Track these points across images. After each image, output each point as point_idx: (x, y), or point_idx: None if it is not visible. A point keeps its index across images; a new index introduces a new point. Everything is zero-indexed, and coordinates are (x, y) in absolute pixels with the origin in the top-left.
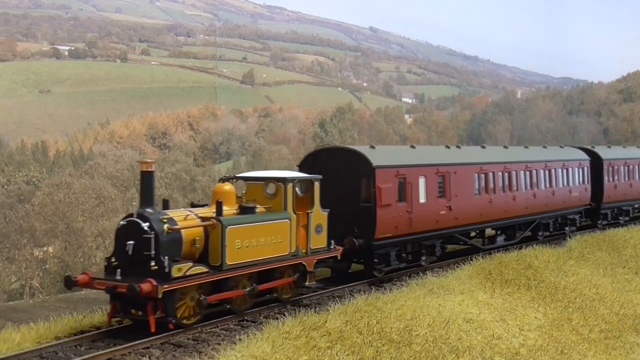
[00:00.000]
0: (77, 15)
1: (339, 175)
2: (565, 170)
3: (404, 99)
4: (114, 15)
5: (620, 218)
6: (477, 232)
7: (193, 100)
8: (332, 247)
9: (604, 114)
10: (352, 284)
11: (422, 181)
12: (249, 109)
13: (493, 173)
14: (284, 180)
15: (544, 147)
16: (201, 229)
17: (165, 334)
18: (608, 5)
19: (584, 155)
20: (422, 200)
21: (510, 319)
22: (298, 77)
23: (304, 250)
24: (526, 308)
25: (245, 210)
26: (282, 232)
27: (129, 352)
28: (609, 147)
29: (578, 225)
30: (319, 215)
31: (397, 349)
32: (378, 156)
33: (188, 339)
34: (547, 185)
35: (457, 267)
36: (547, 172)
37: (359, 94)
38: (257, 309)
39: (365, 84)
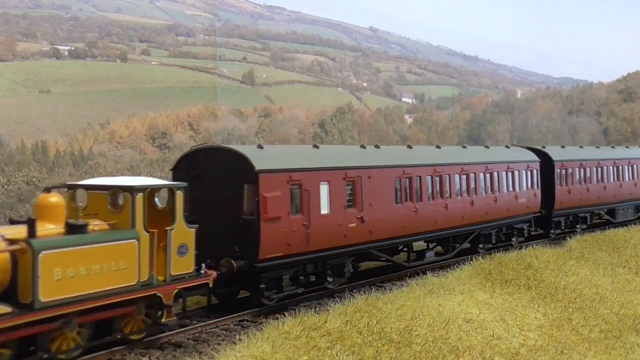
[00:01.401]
0: (77, 15)
1: (218, 182)
2: (510, 174)
3: (404, 99)
4: (114, 15)
5: (577, 226)
6: (404, 246)
7: (193, 100)
8: (202, 271)
9: (604, 114)
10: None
11: (324, 188)
12: (249, 109)
13: (420, 178)
14: (130, 190)
15: (486, 146)
16: (6, 255)
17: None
18: (608, 6)
19: (533, 156)
20: (324, 211)
21: (510, 319)
22: (298, 77)
23: (161, 278)
24: (526, 308)
25: (73, 228)
26: (128, 256)
27: (129, 352)
28: (563, 147)
29: (526, 235)
30: (183, 233)
31: (397, 349)
32: (265, 158)
33: (188, 339)
34: (488, 191)
35: (457, 267)
36: (488, 175)
37: (359, 94)
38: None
39: (365, 84)
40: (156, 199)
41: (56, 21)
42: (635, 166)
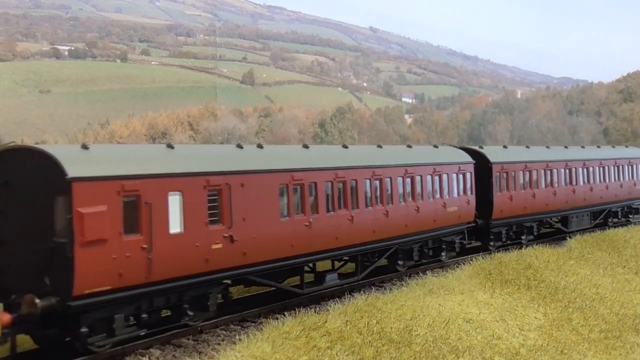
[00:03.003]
0: (77, 15)
1: (26, 193)
2: (437, 178)
3: (404, 99)
4: (114, 15)
5: (523, 237)
6: (299, 267)
7: (193, 100)
8: None
9: (604, 114)
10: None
11: (174, 200)
12: (249, 109)
13: (315, 185)
14: None
15: (409, 146)
16: None
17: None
18: (608, 5)
19: (466, 158)
20: (174, 229)
21: (510, 319)
22: (298, 77)
23: None
24: (526, 308)
25: None
26: None
27: (129, 352)
28: (505, 147)
29: (458, 250)
30: None
31: (397, 349)
32: (85, 162)
33: (188, 339)
34: (408, 199)
35: (457, 267)
36: (408, 180)
37: (359, 94)
38: None
39: (365, 84)
40: None
41: (56, 21)
42: (591, 169)
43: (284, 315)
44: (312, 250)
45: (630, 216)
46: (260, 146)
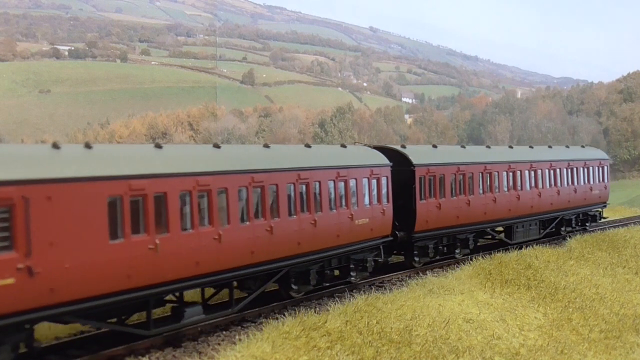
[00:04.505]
0: (77, 15)
1: None
2: (343, 184)
3: (404, 99)
4: (114, 15)
5: (457, 251)
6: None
7: (193, 100)
8: None
9: (604, 114)
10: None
11: None
12: (249, 109)
13: (164, 196)
14: None
15: (307, 145)
16: None
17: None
18: (608, 5)
19: (382, 159)
20: None
21: (510, 319)
22: (298, 77)
23: None
24: (526, 308)
25: None
26: None
27: (129, 353)
28: (435, 146)
29: (371, 270)
30: None
31: (397, 349)
32: None
33: (188, 339)
34: (303, 210)
35: (457, 267)
36: (303, 188)
37: (359, 94)
38: None
39: (365, 84)
40: None
41: (56, 21)
42: (539, 171)
43: (284, 315)
44: (160, 281)
45: (587, 224)
46: (88, 146)
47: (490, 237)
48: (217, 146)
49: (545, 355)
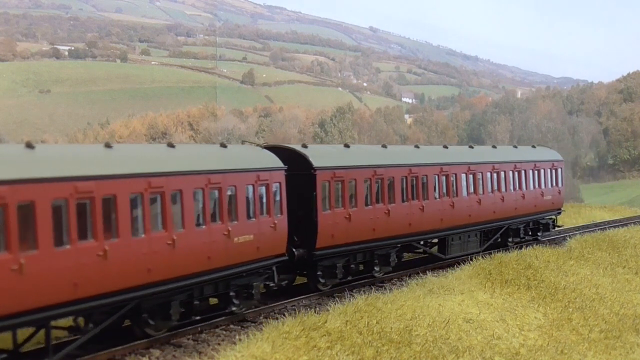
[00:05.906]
0: (77, 15)
1: None
2: (216, 193)
3: (404, 99)
4: (114, 15)
5: (375, 269)
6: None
7: (193, 100)
8: None
9: (604, 114)
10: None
11: None
12: (249, 109)
13: (32, 204)
14: None
15: (171, 145)
16: None
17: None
18: (608, 5)
19: (274, 162)
20: None
21: (510, 319)
22: (298, 77)
23: None
24: (526, 308)
25: None
26: None
27: (129, 352)
28: (347, 146)
29: (258, 298)
30: None
31: (397, 349)
32: None
33: (188, 339)
34: (155, 228)
35: (457, 267)
36: (157, 200)
37: (359, 94)
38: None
39: (365, 84)
40: None
41: (56, 21)
42: (479, 175)
43: (284, 315)
44: (21, 309)
45: (538, 234)
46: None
47: (421, 250)
48: (109, 145)
49: (545, 355)
